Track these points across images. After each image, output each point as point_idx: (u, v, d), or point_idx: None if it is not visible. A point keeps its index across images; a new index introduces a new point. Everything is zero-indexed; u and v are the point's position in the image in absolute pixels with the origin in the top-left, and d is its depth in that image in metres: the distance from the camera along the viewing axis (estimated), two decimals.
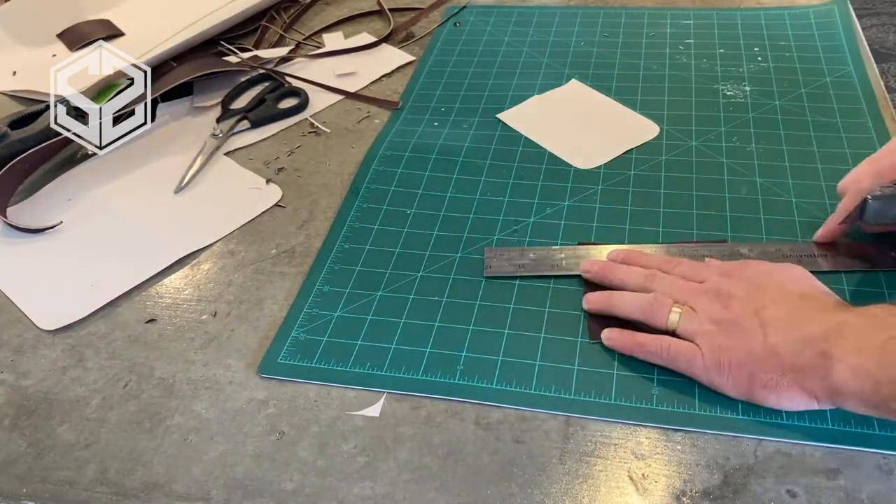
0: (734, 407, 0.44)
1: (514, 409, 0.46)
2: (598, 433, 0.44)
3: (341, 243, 0.59)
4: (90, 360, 0.52)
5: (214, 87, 0.78)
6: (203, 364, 0.51)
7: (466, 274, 0.55)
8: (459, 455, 0.44)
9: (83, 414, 0.49)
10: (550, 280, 0.53)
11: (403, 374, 0.48)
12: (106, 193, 0.67)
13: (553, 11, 0.86)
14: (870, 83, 0.69)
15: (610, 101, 0.71)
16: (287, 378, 0.49)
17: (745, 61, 0.74)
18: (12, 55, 0.86)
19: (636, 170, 0.62)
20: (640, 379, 0.47)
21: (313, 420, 0.47)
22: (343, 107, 0.75)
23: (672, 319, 0.47)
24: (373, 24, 0.89)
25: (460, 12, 0.88)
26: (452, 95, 0.74)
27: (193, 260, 0.60)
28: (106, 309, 0.56)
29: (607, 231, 0.57)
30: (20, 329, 0.55)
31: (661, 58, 0.76)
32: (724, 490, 0.41)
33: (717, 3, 0.84)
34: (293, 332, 0.52)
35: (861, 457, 0.42)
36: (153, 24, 0.86)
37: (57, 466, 0.46)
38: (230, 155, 0.70)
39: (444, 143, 0.68)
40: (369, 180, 0.65)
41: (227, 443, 0.46)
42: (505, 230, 0.58)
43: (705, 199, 0.59)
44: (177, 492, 0.44)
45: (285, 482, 0.44)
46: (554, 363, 0.48)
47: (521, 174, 0.64)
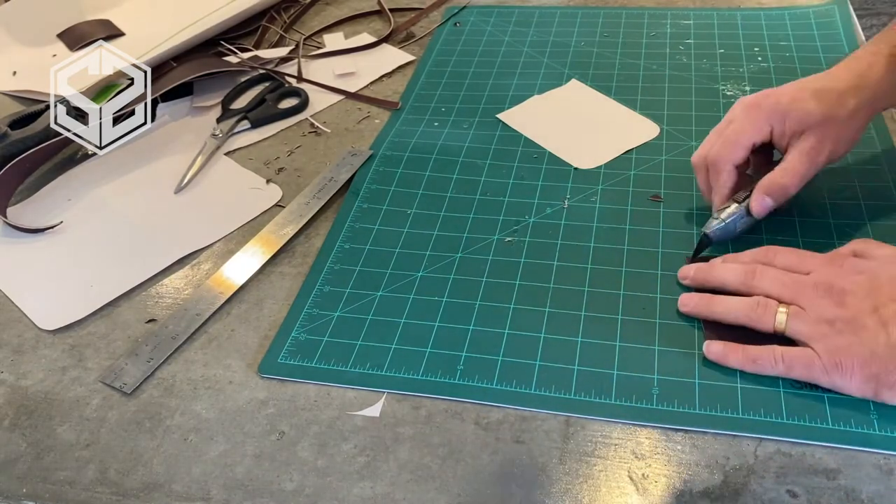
0: (734, 407, 0.44)
1: (514, 409, 0.46)
2: (598, 433, 0.44)
3: (341, 243, 0.59)
4: (90, 360, 0.52)
5: (214, 87, 0.78)
6: (203, 364, 0.51)
7: (466, 274, 0.55)
8: (459, 455, 0.44)
9: (83, 414, 0.49)
10: (550, 280, 0.53)
11: (403, 374, 0.48)
12: (106, 193, 0.67)
13: (553, 11, 0.86)
14: None
15: (610, 101, 0.71)
16: (287, 378, 0.49)
17: (745, 61, 0.74)
18: (12, 55, 0.86)
19: (636, 170, 0.62)
20: (640, 379, 0.47)
21: (313, 420, 0.47)
22: (343, 107, 0.75)
23: (779, 320, 0.45)
24: (373, 24, 0.89)
25: (460, 12, 0.88)
26: (452, 95, 0.74)
27: (193, 260, 0.60)
28: (106, 309, 0.56)
29: (607, 231, 0.57)
30: (20, 329, 0.55)
31: (661, 58, 0.76)
32: (724, 490, 0.41)
33: (717, 3, 0.84)
34: (293, 332, 0.52)
35: (861, 457, 0.42)
36: (153, 24, 0.86)
37: (57, 466, 0.46)
38: (230, 155, 0.70)
39: (444, 143, 0.68)
40: (369, 180, 0.65)
41: (227, 443, 0.46)
42: (505, 230, 0.58)
43: (705, 198, 0.59)
44: (177, 492, 0.44)
45: (285, 482, 0.44)
46: (554, 363, 0.48)
47: (521, 174, 0.64)
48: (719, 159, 0.53)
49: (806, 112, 0.51)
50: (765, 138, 0.53)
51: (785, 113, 0.52)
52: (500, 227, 0.59)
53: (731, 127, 0.54)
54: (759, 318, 0.46)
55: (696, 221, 0.57)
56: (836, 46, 0.74)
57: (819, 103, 0.52)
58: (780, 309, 0.46)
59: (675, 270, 0.53)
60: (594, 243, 0.56)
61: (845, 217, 0.55)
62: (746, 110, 0.54)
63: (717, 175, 0.54)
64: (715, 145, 0.54)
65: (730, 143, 0.53)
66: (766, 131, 0.53)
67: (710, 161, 0.54)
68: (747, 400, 0.45)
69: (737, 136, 0.53)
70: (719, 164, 0.54)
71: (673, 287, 0.52)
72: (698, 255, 0.54)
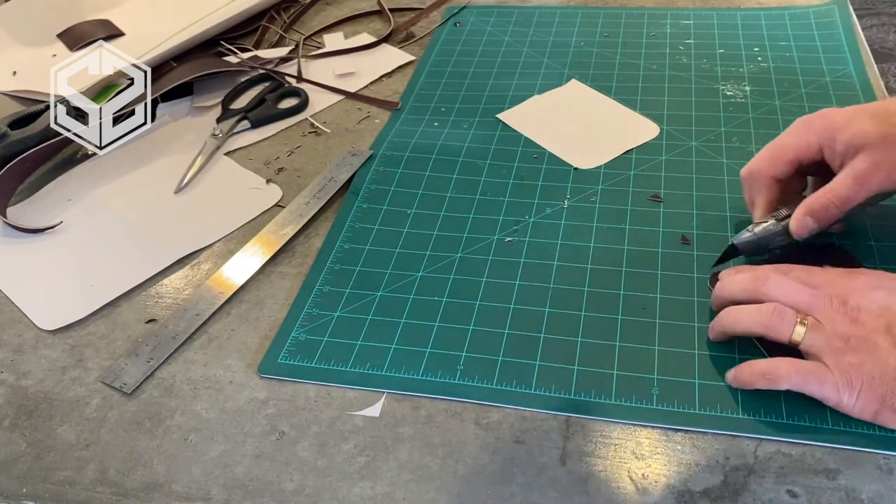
0: (734, 407, 0.44)
1: (514, 409, 0.46)
2: (598, 433, 0.44)
3: (341, 243, 0.59)
4: (90, 360, 0.52)
5: (214, 87, 0.78)
6: (203, 364, 0.51)
7: (466, 274, 0.55)
8: (459, 455, 0.44)
9: (83, 414, 0.49)
10: (550, 280, 0.53)
11: (403, 374, 0.48)
12: (106, 193, 0.67)
13: (553, 11, 0.86)
14: (870, 83, 0.69)
15: (610, 101, 0.71)
16: (287, 378, 0.49)
17: (745, 61, 0.74)
18: (12, 55, 0.86)
19: (636, 170, 0.62)
20: (640, 379, 0.47)
21: (313, 420, 0.47)
22: (343, 107, 0.75)
23: (798, 332, 0.43)
24: (373, 24, 0.89)
25: (460, 12, 0.88)
26: (452, 95, 0.74)
27: (193, 260, 0.60)
28: (106, 309, 0.56)
29: (607, 231, 0.57)
30: (20, 329, 0.55)
31: (661, 58, 0.76)
32: (724, 490, 0.41)
33: (717, 3, 0.84)
34: (293, 333, 0.52)
35: (861, 457, 0.42)
36: (153, 24, 0.86)
37: (57, 466, 0.46)
38: (230, 155, 0.70)
39: (444, 143, 0.68)
40: (369, 180, 0.65)
41: (227, 443, 0.46)
42: (505, 230, 0.58)
43: (705, 199, 0.59)
44: (177, 492, 0.44)
45: (285, 482, 0.44)
46: (554, 363, 0.48)
47: (521, 174, 0.64)
48: (759, 172, 0.52)
49: (861, 131, 0.48)
50: (813, 156, 0.50)
51: (837, 131, 0.49)
52: (500, 227, 0.59)
53: (777, 141, 0.52)
54: (777, 326, 0.44)
55: (696, 221, 0.57)
56: (836, 46, 0.74)
57: (876, 123, 0.48)
58: (801, 320, 0.44)
59: (675, 270, 0.53)
60: (594, 243, 0.56)
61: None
62: (797, 125, 0.52)
63: (755, 188, 0.52)
64: (758, 158, 0.53)
65: (771, 156, 0.52)
66: (813, 148, 0.50)
67: (752, 173, 0.53)
68: (747, 400, 0.45)
69: (779, 150, 0.51)
70: (758, 176, 0.52)
71: (673, 287, 0.52)
72: (722, 262, 0.53)
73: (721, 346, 0.48)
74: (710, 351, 0.48)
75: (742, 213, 0.57)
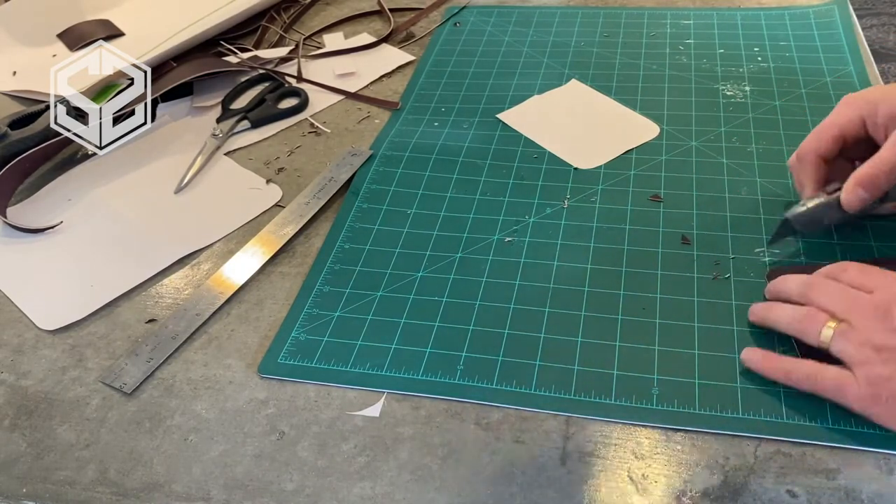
0: (734, 407, 0.44)
1: (514, 409, 0.46)
2: (598, 433, 0.44)
3: (341, 243, 0.59)
4: (90, 360, 0.52)
5: (214, 87, 0.78)
6: (203, 364, 0.51)
7: (466, 274, 0.55)
8: (459, 455, 0.44)
9: (83, 414, 0.49)
10: (550, 280, 0.53)
11: (403, 374, 0.48)
12: (106, 193, 0.67)
13: (553, 11, 0.86)
14: (870, 83, 0.68)
15: (610, 101, 0.71)
16: (287, 378, 0.49)
17: (745, 61, 0.74)
18: (12, 55, 0.86)
19: (636, 170, 0.62)
20: (640, 379, 0.47)
21: (313, 420, 0.47)
22: (343, 107, 0.75)
23: (825, 335, 0.43)
24: (373, 24, 0.89)
25: (460, 12, 0.88)
26: (452, 95, 0.74)
27: (193, 260, 0.60)
28: (106, 309, 0.56)
29: (607, 231, 0.57)
30: (20, 329, 0.55)
31: (661, 58, 0.76)
32: (724, 490, 0.41)
33: (717, 3, 0.84)
34: (293, 333, 0.52)
35: (861, 457, 0.42)
36: (153, 24, 0.86)
37: (57, 466, 0.46)
38: (230, 155, 0.70)
39: (444, 143, 0.68)
40: (369, 180, 0.65)
41: (227, 443, 0.46)
42: (505, 230, 0.58)
43: (705, 199, 0.59)
44: (177, 492, 0.44)
45: (285, 482, 0.44)
46: (554, 363, 0.48)
47: (521, 174, 0.64)
48: (804, 149, 0.53)
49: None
50: (857, 131, 0.51)
51: (878, 103, 0.50)
52: (500, 227, 0.59)
53: (821, 123, 0.53)
54: (806, 328, 0.44)
55: (696, 221, 0.57)
56: (836, 46, 0.74)
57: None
58: (829, 324, 0.43)
59: (675, 270, 0.53)
60: (594, 243, 0.56)
61: None
62: (839, 105, 0.53)
63: (804, 170, 0.53)
64: (805, 142, 0.53)
65: (816, 136, 0.53)
66: (856, 122, 0.51)
67: (799, 156, 0.54)
68: (747, 400, 0.45)
69: (824, 128, 0.53)
70: (805, 157, 0.53)
71: (673, 287, 0.52)
72: (776, 241, 0.53)
73: (721, 346, 0.48)
74: (710, 351, 0.48)
75: (742, 212, 0.57)
